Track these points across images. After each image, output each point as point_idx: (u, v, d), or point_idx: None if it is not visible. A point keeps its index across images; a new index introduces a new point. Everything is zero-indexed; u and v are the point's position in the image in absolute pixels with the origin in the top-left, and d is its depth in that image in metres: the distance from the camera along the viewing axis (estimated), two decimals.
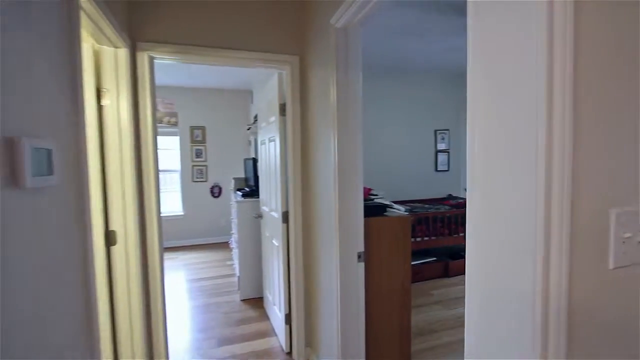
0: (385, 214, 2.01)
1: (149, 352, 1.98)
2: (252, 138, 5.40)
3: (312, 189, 2.09)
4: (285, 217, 2.32)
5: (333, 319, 1.83)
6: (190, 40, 2.02)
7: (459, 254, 4.47)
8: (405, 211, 3.94)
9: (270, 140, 2.57)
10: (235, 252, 3.93)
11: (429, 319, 2.96)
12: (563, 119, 0.61)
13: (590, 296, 0.69)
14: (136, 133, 1.90)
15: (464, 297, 3.32)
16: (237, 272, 3.62)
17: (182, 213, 5.72)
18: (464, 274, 3.78)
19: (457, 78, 5.30)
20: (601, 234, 0.69)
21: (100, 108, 1.72)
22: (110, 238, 1.74)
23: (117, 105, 1.75)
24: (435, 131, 5.25)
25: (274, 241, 2.61)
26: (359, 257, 1.72)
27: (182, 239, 5.71)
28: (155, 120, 2.02)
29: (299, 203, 2.24)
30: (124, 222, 1.76)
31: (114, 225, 1.75)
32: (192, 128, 5.69)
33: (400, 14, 3.06)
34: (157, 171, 1.98)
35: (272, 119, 2.46)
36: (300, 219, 2.24)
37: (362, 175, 1.71)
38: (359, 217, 1.71)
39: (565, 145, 0.62)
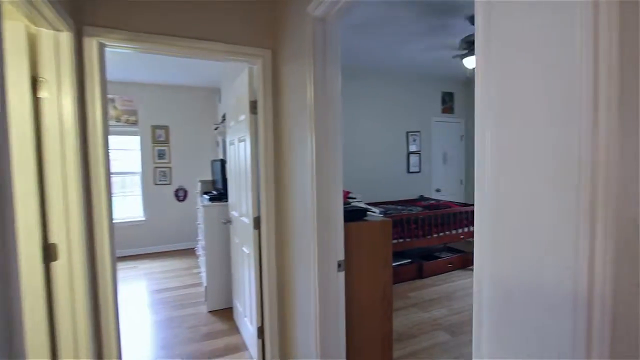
0: (365, 218, 1.90)
1: None
2: (220, 138, 5.14)
3: (287, 193, 1.93)
4: (257, 222, 2.15)
5: (311, 333, 1.69)
6: (148, 27, 1.80)
7: (432, 255, 4.48)
8: (380, 213, 3.88)
9: (240, 140, 2.39)
10: (202, 260, 3.67)
11: (407, 323, 2.90)
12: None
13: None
14: (83, 131, 1.65)
15: (439, 298, 3.26)
16: (204, 281, 3.37)
17: (143, 218, 5.32)
18: (438, 274, 3.72)
19: (428, 79, 5.36)
20: None
21: (37, 101, 1.47)
22: (50, 252, 1.49)
23: (59, 99, 1.50)
24: (407, 133, 5.27)
25: (244, 248, 2.42)
26: (339, 266, 1.59)
27: (143, 247, 5.31)
28: (107, 117, 1.77)
29: (272, 208, 2.08)
30: (67, 233, 1.52)
31: (55, 238, 1.50)
32: (154, 127, 5.32)
33: (373, 11, 2.99)
34: (108, 174, 1.74)
35: (242, 117, 2.28)
36: (274, 225, 2.08)
37: (341, 179, 1.59)
38: (339, 223, 1.59)
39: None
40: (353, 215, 1.82)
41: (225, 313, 3.14)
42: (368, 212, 2.03)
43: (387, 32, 3.41)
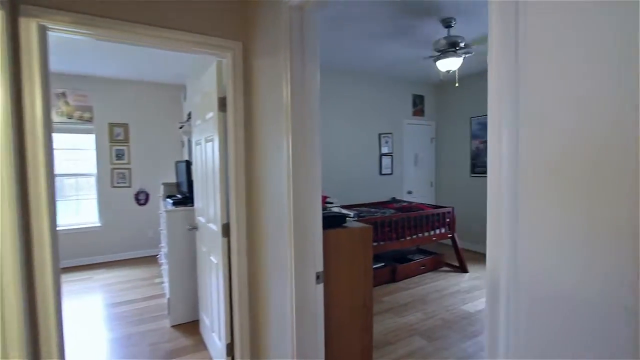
0: (344, 224, 1.79)
1: None
2: (185, 138, 4.84)
3: (260, 198, 1.78)
4: (226, 230, 1.97)
5: (287, 350, 1.55)
6: (101, 10, 1.58)
7: (405, 257, 4.48)
8: (354, 216, 3.80)
9: (207, 140, 2.20)
10: (165, 269, 3.40)
11: (383, 330, 2.83)
12: None
13: None
14: (18, 127, 1.41)
15: (413, 302, 3.18)
16: (167, 292, 3.11)
17: (99, 224, 4.90)
18: (411, 277, 3.65)
19: (400, 81, 5.39)
20: None
21: None
22: None
23: None
24: (380, 134, 5.26)
25: (212, 258, 2.23)
26: (318, 277, 1.47)
27: (99, 255, 4.89)
28: (49, 112, 1.53)
29: (243, 214, 1.91)
30: None
31: None
32: (112, 125, 4.92)
33: (344, 9, 2.91)
34: (50, 176, 1.50)
35: (210, 115, 2.10)
36: (245, 233, 1.91)
37: (320, 184, 1.47)
38: (318, 231, 1.47)
39: None
40: (332, 221, 1.70)
41: (191, 327, 2.91)
42: (347, 218, 1.92)
43: (360, 31, 3.35)
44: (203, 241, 2.48)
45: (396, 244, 3.94)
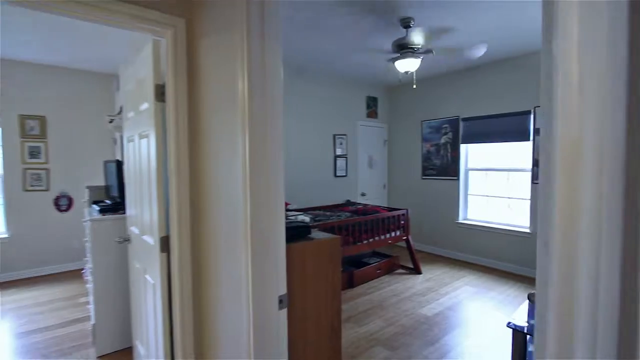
0: (310, 236, 1.56)
1: None
2: (118, 135, 4.25)
3: (209, 207, 1.49)
4: (165, 244, 1.64)
5: None
6: None
7: (361, 261, 4.39)
8: (311, 221, 3.60)
9: (141, 136, 1.84)
10: (91, 287, 2.89)
11: (344, 342, 2.65)
12: None
13: None
14: None
15: (372, 308, 3.01)
16: (92, 315, 2.62)
17: (6, 235, 4.10)
18: (368, 281, 3.48)
19: (354, 82, 5.32)
20: None
21: None
22: None
23: None
24: (334, 136, 5.13)
25: (148, 276, 1.87)
26: (281, 302, 1.23)
27: (8, 272, 4.09)
28: None
29: (187, 225, 1.60)
30: None
31: None
32: (24, 117, 4.15)
33: (299, 6, 2.72)
34: None
35: (145, 105, 1.74)
36: (189, 249, 1.60)
37: (283, 190, 1.23)
38: (280, 247, 1.23)
39: None
40: (296, 233, 1.47)
41: (122, 357, 2.47)
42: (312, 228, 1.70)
43: (314, 28, 3.17)
44: (137, 256, 2.09)
45: (353, 248, 3.81)
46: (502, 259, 4.50)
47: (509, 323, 1.89)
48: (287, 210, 1.66)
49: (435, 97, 5.17)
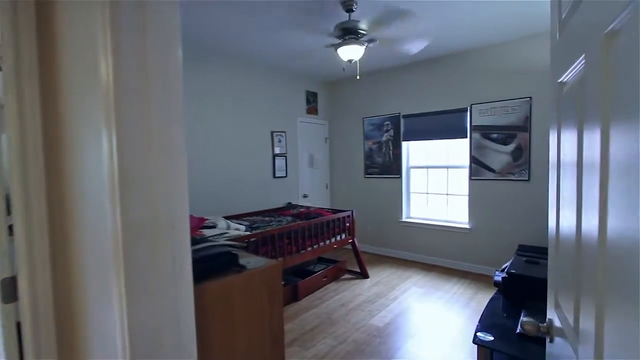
0: (238, 265, 1.12)
1: None
2: None
3: (73, 230, 0.97)
4: (10, 290, 1.08)
5: None
6: None
7: (306, 270, 4.02)
8: (247, 230, 3.13)
9: None
10: None
11: None
12: None
13: None
14: None
15: (320, 325, 2.54)
16: None
17: None
18: (314, 291, 3.05)
19: (293, 75, 4.93)
20: None
21: None
22: None
23: None
24: (272, 133, 4.69)
25: None
26: None
27: None
28: None
29: (46, 263, 1.05)
30: None
31: None
32: None
33: None
34: None
35: None
36: (50, 298, 1.06)
37: (186, 205, 0.79)
38: (182, 291, 0.78)
39: None
40: (216, 265, 1.02)
41: None
42: (243, 254, 1.26)
43: (250, 15, 2.71)
44: None
45: (297, 257, 3.43)
46: (444, 255, 4.49)
47: (476, 338, 1.67)
48: (204, 228, 1.19)
49: (376, 93, 5.03)
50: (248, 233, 3.03)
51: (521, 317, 1.75)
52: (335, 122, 5.60)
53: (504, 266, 2.60)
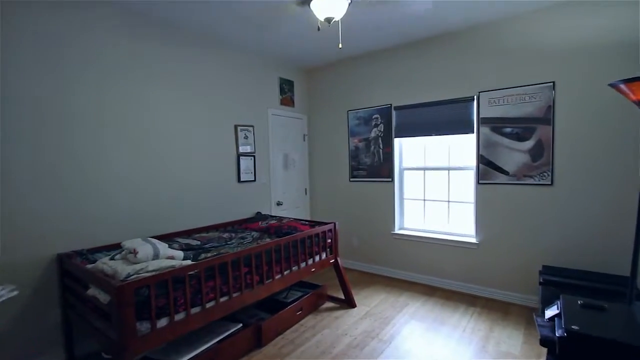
0: None
1: None
2: None
3: None
4: None
5: None
6: None
7: (274, 301, 3.16)
8: (187, 257, 2.27)
9: None
10: None
11: None
12: None
13: None
14: None
15: None
16: None
17: None
18: (285, 331, 1.90)
19: (262, 57, 4.05)
20: None
21: None
22: None
23: None
24: (237, 127, 3.80)
25: None
26: None
27: None
28: None
29: None
30: None
31: None
32: None
33: None
34: None
35: None
36: None
37: None
38: None
39: None
40: None
41: None
42: None
43: None
44: None
45: (261, 291, 2.56)
46: (446, 275, 3.72)
47: None
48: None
49: (363, 81, 4.22)
50: (188, 263, 2.14)
51: None
52: (315, 116, 4.76)
53: (549, 311, 1.82)
